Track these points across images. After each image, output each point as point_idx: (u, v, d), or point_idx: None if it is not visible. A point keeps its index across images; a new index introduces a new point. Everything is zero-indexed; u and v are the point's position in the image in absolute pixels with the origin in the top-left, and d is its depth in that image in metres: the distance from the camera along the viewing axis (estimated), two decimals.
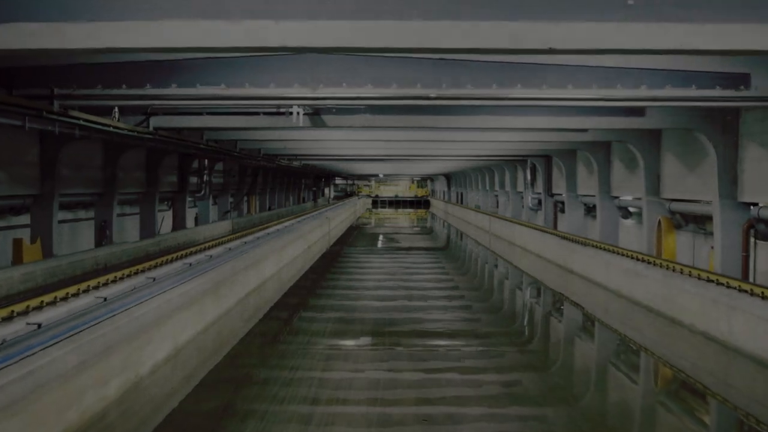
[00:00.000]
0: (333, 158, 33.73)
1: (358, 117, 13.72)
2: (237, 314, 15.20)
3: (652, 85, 9.57)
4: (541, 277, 22.99)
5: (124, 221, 25.48)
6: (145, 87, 9.46)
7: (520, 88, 9.64)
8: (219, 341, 12.93)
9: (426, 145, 23.05)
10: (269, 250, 21.10)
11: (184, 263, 16.13)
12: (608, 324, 15.54)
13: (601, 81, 9.65)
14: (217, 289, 14.58)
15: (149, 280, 13.50)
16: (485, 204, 47.57)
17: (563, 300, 18.79)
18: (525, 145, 23.48)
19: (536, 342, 14.23)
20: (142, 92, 9.43)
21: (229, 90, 9.49)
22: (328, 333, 13.71)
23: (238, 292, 16.48)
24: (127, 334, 9.81)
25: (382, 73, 9.50)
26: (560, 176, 28.25)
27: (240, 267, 16.99)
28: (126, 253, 21.31)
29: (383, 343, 12.83)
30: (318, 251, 30.63)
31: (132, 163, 23.75)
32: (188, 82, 9.48)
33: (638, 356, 13.03)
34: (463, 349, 12.65)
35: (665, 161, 18.18)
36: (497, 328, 14.76)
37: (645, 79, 9.62)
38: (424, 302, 17.52)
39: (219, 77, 9.52)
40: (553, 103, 9.73)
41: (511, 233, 32.95)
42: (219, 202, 36.76)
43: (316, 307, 16.99)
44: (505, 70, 9.55)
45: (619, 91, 9.66)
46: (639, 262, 16.83)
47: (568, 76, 9.60)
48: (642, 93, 9.59)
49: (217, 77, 9.52)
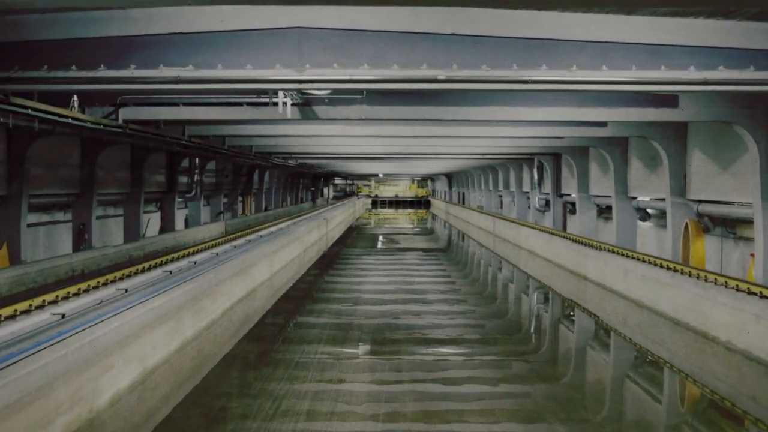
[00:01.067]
0: (329, 157, 32.14)
1: (354, 108, 12.18)
2: (221, 329, 13.67)
3: (703, 66, 8.03)
4: (550, 283, 21.48)
5: (108, 223, 23.97)
6: (98, 68, 7.92)
7: (545, 69, 8.10)
8: (197, 362, 11.40)
9: (429, 141, 21.43)
10: (260, 255, 19.57)
11: (164, 271, 14.62)
12: (629, 337, 14.11)
13: (641, 61, 8.11)
14: (197, 302, 13.06)
15: (120, 292, 12.01)
16: (488, 205, 46.01)
17: (577, 309, 17.30)
18: (534, 142, 21.93)
19: (550, 354, 12.75)
20: (94, 74, 7.89)
21: (198, 72, 7.95)
22: (323, 346, 12.19)
23: (223, 303, 14.95)
24: (80, 360, 8.29)
25: (381, 51, 7.98)
26: (571, 175, 26.71)
27: (226, 275, 15.46)
28: (106, 258, 19.81)
29: (382, 368, 11.29)
30: (315, 254, 29.13)
31: (114, 161, 22.23)
32: (149, 63, 7.95)
33: (665, 374, 11.61)
34: (474, 373, 11.12)
35: (693, 159, 16.59)
36: (509, 344, 13.23)
37: (694, 57, 8.09)
38: (428, 311, 16.00)
39: (186, 57, 7.98)
40: (584, 87, 8.21)
41: (517, 235, 31.42)
42: (212, 202, 35.26)
43: (310, 317, 15.48)
44: (528, 48, 8.03)
45: (662, 72, 8.10)
46: (664, 270, 15.31)
47: (603, 54, 8.06)
48: (690, 75, 8.04)
49: (183, 57, 7.98)
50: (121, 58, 7.99)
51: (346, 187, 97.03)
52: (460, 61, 8.05)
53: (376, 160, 37.87)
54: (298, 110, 12.14)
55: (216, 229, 31.24)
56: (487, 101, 12.20)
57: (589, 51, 8.05)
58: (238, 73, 8.02)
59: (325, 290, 19.47)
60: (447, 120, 13.69)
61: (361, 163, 44.13)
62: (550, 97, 12.38)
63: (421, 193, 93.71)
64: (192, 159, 28.78)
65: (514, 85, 8.15)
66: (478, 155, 29.67)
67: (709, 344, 12.46)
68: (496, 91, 9.51)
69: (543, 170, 31.00)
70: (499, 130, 16.85)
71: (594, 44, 8.09)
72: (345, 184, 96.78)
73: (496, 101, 12.18)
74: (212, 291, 14.15)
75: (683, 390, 11.09)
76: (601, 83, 8.20)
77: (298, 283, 20.76)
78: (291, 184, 58.19)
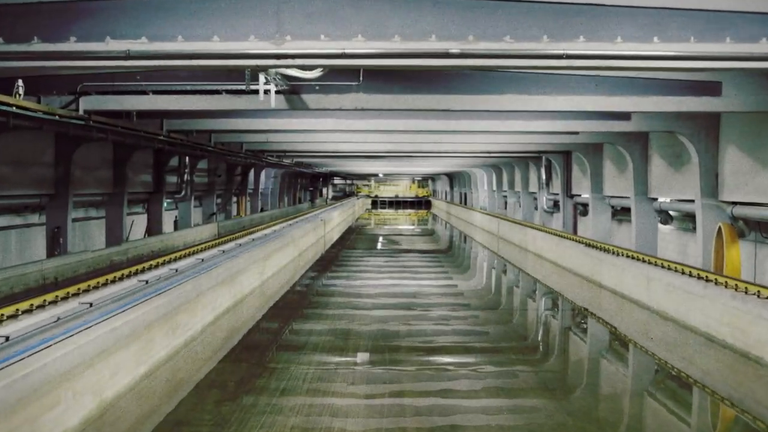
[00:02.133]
0: (325, 155, 30.51)
1: (349, 97, 10.60)
2: (201, 346, 12.14)
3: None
4: (561, 289, 20.01)
5: (89, 226, 22.46)
6: (31, 41, 6.39)
7: (582, 41, 6.56)
8: (169, 388, 9.88)
9: (431, 137, 19.81)
10: (250, 260, 18.03)
11: (139, 280, 13.10)
12: (652, 352, 12.68)
13: (700, 31, 6.58)
14: (173, 317, 11.52)
15: (84, 307, 10.50)
16: (492, 205, 44.43)
17: (592, 318, 15.82)
18: (545, 138, 20.30)
19: (566, 369, 11.27)
20: (27, 48, 6.36)
21: (152, 45, 6.40)
22: (314, 368, 10.64)
23: (205, 316, 13.42)
24: (13, 397, 6.77)
25: (379, 19, 6.44)
26: (582, 175, 25.16)
27: (209, 284, 13.93)
28: (83, 264, 18.27)
29: (383, 392, 9.76)
30: (312, 257, 27.62)
31: (94, 159, 20.70)
32: (94, 34, 6.41)
33: (697, 397, 10.22)
34: (482, 390, 9.59)
35: (726, 156, 14.97)
36: (519, 356, 11.69)
37: (766, 27, 6.55)
38: (432, 326, 14.48)
39: (139, 27, 6.44)
40: (630, 63, 6.68)
41: (523, 238, 29.88)
42: (204, 203, 33.73)
43: (302, 330, 13.97)
44: (563, 15, 6.50)
45: (727, 46, 6.57)
46: (694, 279, 13.78)
47: (656, 22, 6.53)
48: (761, 48, 6.50)
49: (136, 27, 6.45)
50: (58, 29, 6.45)
51: (346, 187, 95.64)
52: (477, 31, 6.50)
53: (375, 159, 36.29)
54: (285, 99, 10.55)
55: (207, 232, 29.68)
56: (503, 87, 10.61)
57: (638, 18, 6.52)
58: (202, 46, 6.48)
59: (320, 299, 17.93)
60: (454, 110, 12.05)
61: (360, 162, 42.59)
62: (573, 83, 10.81)
63: (421, 194, 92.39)
64: (182, 157, 27.24)
65: (544, 61, 6.61)
66: (483, 153, 28.05)
67: (751, 365, 10.99)
68: (521, 69, 7.98)
69: (551, 169, 29.45)
70: (511, 124, 15.23)
71: (644, 10, 6.54)
72: (344, 184, 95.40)
73: (514, 87, 10.59)
74: (191, 303, 12.62)
75: (720, 417, 9.62)
76: (651, 59, 6.65)
77: (291, 290, 19.24)
78: (288, 184, 56.66)
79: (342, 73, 10.29)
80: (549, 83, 10.69)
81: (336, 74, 10.04)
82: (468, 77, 10.53)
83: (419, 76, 10.73)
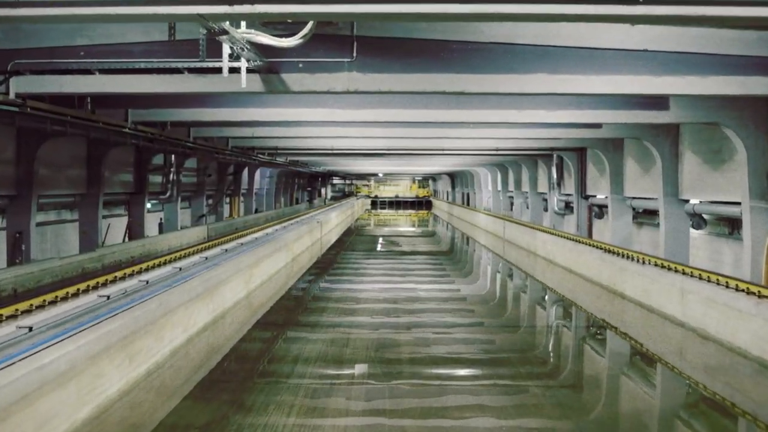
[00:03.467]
0: (319, 152, 28.47)
1: (341, 77, 8.64)
2: (166, 376, 10.24)
3: None
4: (576, 298, 18.20)
5: (64, 230, 20.57)
6: None
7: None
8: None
9: (437, 132, 17.75)
10: (234, 269, 16.13)
11: (99, 296, 11.23)
12: (687, 374, 10.97)
13: None
14: (130, 343, 9.65)
15: (22, 332, 8.67)
16: (497, 206, 42.48)
17: (613, 332, 13.98)
18: (562, 132, 18.31)
19: (593, 398, 9.36)
20: None
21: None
22: (300, 399, 8.74)
23: (175, 338, 11.54)
24: None
25: None
26: (599, 174, 23.24)
27: (179, 301, 12.05)
28: (48, 273, 16.41)
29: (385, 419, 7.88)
30: (306, 262, 25.74)
31: (64, 156, 18.81)
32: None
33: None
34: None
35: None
36: (536, 377, 9.80)
37: None
38: (437, 335, 12.58)
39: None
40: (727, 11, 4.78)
41: (532, 241, 27.97)
42: (194, 204, 31.83)
43: (290, 350, 12.08)
44: None
45: None
46: (743, 294, 11.91)
47: None
48: None
49: None
50: None
51: (345, 187, 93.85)
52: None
53: (374, 157, 34.34)
54: (261, 79, 8.59)
55: (196, 235, 27.78)
56: (532, 65, 8.64)
57: None
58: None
59: (311, 312, 16.02)
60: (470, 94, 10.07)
61: (358, 161, 40.66)
62: (617, 60, 8.82)
63: (422, 194, 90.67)
64: (166, 155, 25.35)
65: (613, 7, 4.68)
66: (491, 151, 26.03)
67: None
68: (555, 44, 5.97)
69: (562, 168, 27.53)
70: (529, 115, 13.25)
71: None
72: (344, 184, 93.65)
73: (546, 65, 8.63)
74: (157, 324, 10.72)
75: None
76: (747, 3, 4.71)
77: (282, 301, 17.35)
78: (285, 185, 54.77)
79: (331, 45, 8.37)
80: (587, 60, 8.79)
81: (323, 47, 8.13)
82: (489, 52, 8.61)
83: (427, 49, 8.77)
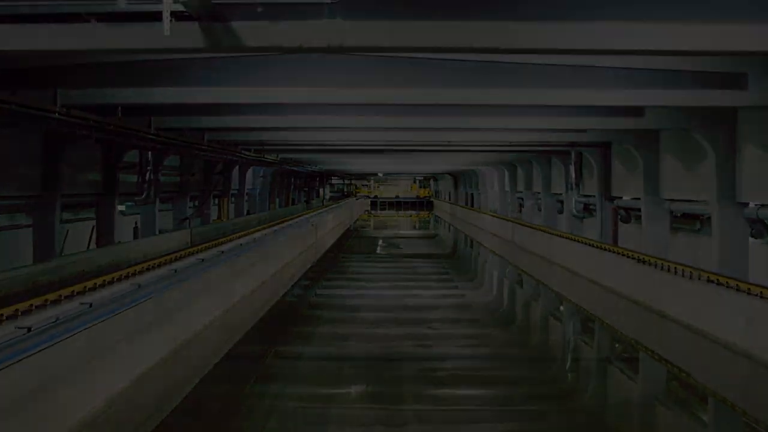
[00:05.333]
0: (310, 147, 25.78)
1: (318, 25, 5.69)
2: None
3: None
4: (605, 316, 15.91)
5: (18, 237, 17.96)
6: None
7: None
8: None
9: (446, 122, 14.98)
10: (207, 283, 13.57)
11: (17, 327, 8.69)
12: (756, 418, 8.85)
13: None
14: (51, 392, 7.05)
15: None
16: (504, 208, 39.82)
17: (656, 361, 11.62)
18: (586, 123, 15.58)
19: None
20: None
21: None
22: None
23: (122, 378, 8.95)
24: None
25: None
26: (626, 172, 20.64)
27: (118, 334, 9.46)
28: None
29: None
30: (299, 268, 23.39)
31: (12, 153, 16.21)
32: None
33: None
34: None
35: None
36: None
37: None
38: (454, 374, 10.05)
39: None
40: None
41: (546, 247, 25.39)
42: (177, 206, 29.21)
43: (268, 391, 9.50)
44: None
45: None
46: None
47: None
48: None
49: None
50: None
51: (344, 187, 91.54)
52: None
53: (372, 154, 31.74)
54: (200, 30, 5.72)
55: (176, 240, 25.13)
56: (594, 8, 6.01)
57: None
58: None
59: (298, 337, 13.45)
60: (500, 50, 7.24)
61: (356, 159, 38.07)
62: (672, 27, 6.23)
63: (423, 194, 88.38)
64: (142, 153, 22.74)
65: None
66: (502, 145, 23.31)
67: None
68: None
69: (581, 166, 24.92)
70: (564, 96, 10.53)
71: None
72: (342, 185, 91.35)
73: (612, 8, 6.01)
74: (78, 371, 8.13)
75: None
76: None
77: (267, 319, 14.87)
78: (280, 185, 52.16)
79: None
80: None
81: None
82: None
83: None
